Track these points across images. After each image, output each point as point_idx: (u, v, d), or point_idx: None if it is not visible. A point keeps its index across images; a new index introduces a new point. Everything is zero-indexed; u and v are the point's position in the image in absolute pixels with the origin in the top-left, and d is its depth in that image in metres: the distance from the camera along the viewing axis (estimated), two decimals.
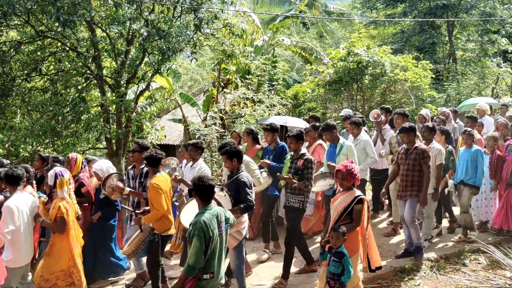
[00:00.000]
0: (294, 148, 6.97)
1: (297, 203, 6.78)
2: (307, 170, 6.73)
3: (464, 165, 7.98)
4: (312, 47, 22.51)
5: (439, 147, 7.64)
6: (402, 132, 7.23)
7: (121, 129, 12.33)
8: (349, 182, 5.57)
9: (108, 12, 12.15)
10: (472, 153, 7.91)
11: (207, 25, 12.28)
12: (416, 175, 7.03)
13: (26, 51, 12.96)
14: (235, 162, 6.22)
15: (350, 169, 5.54)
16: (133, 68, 12.42)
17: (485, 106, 11.36)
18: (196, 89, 24.37)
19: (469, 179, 7.88)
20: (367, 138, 8.40)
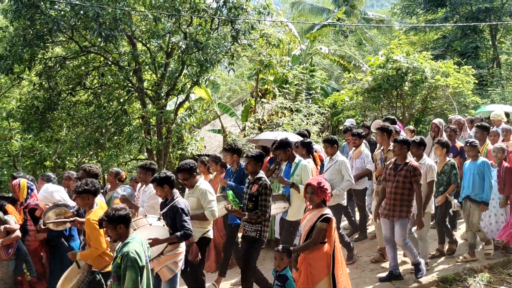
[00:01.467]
0: (251, 170, 6.27)
1: (253, 232, 6.13)
2: (261, 196, 6.04)
3: (470, 179, 7.30)
4: (350, 55, 22.34)
5: (430, 163, 6.97)
6: (396, 143, 6.64)
7: (161, 140, 12.58)
8: (319, 197, 5.17)
9: (148, 26, 12.50)
10: (479, 166, 7.25)
11: (244, 36, 12.44)
12: (406, 194, 6.47)
13: (70, 66, 13.46)
14: (167, 189, 5.85)
15: (320, 183, 5.17)
16: (172, 80, 12.71)
17: (501, 114, 10.58)
18: (235, 100, 24.59)
19: (476, 194, 7.21)
20: (343, 158, 7.72)
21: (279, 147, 7.05)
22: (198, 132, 16.00)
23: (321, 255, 5.08)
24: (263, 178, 6.20)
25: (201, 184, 6.40)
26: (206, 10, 12.23)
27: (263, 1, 12.88)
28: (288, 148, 7.04)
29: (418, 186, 6.45)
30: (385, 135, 7.62)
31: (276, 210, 6.95)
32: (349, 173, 7.58)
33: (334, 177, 7.53)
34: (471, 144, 7.39)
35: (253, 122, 14.74)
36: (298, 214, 6.74)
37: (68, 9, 11.20)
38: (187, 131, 13.70)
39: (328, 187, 5.25)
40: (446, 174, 7.36)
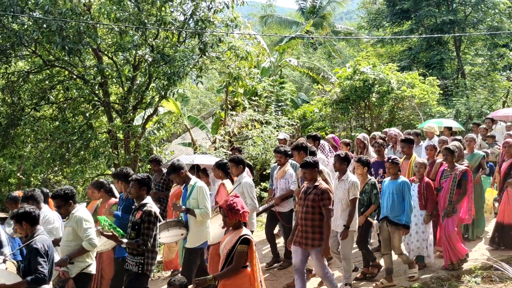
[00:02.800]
0: (134, 195, 5.83)
1: (135, 266, 5.60)
2: (144, 224, 5.56)
3: (389, 199, 6.86)
4: (319, 67, 22.57)
5: (353, 180, 6.61)
6: (304, 167, 6.17)
7: (129, 155, 12.37)
8: (231, 219, 4.87)
9: (114, 39, 12.33)
10: (398, 185, 6.80)
11: (212, 49, 12.40)
12: (317, 220, 6.02)
13: (34, 81, 13.16)
14: (26, 226, 5.24)
15: (230, 204, 4.85)
16: (139, 93, 12.55)
17: (434, 127, 10.57)
18: (205, 113, 24.51)
19: (395, 216, 6.79)
20: (247, 180, 7.12)
21: (171, 171, 6.59)
22: (167, 146, 15.85)
23: (243, 281, 4.81)
24: (148, 204, 5.70)
25: (77, 211, 5.85)
26: (173, 23, 12.14)
27: (230, 14, 12.87)
28: (181, 171, 6.52)
29: (326, 211, 5.99)
30: (302, 153, 7.19)
31: (173, 238, 6.59)
32: (251, 196, 6.99)
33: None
34: (393, 162, 6.92)
35: (223, 135, 14.69)
36: (197, 241, 6.41)
37: (30, 23, 10.98)
38: (156, 145, 13.52)
39: (241, 207, 4.88)
40: (366, 194, 6.99)
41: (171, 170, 6.61)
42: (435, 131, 10.53)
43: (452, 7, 23.46)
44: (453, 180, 7.15)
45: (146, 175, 5.91)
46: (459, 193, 7.13)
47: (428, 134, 10.41)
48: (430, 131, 10.38)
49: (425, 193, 7.23)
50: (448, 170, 7.35)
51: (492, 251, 7.81)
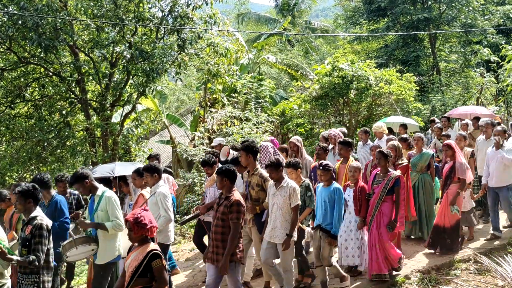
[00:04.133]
0: (21, 209, 5.45)
1: (29, 285, 5.25)
2: (34, 239, 5.20)
3: (322, 206, 6.55)
4: (297, 64, 22.64)
5: (293, 185, 6.26)
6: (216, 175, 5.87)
7: (107, 153, 12.22)
8: (137, 234, 4.54)
9: (90, 35, 12.15)
10: (331, 192, 6.47)
11: (190, 45, 12.33)
12: (227, 233, 5.62)
13: (9, 78, 12.90)
14: None
15: (137, 218, 4.53)
16: (117, 90, 12.41)
17: (382, 126, 10.34)
18: (184, 110, 24.36)
19: (327, 224, 6.46)
20: (162, 189, 6.58)
21: (74, 180, 6.06)
22: (146, 143, 15.70)
23: None
24: (39, 217, 5.29)
25: None
26: (151, 19, 12.04)
27: (209, 11, 12.82)
28: (85, 180, 6.00)
29: (234, 225, 5.56)
30: (250, 156, 6.64)
31: (82, 255, 6.14)
32: (165, 207, 6.49)
33: (153, 211, 6.34)
34: (324, 168, 6.52)
35: (202, 132, 14.61)
36: (107, 256, 6.01)
37: (5, 19, 10.74)
38: (134, 142, 13.40)
39: (149, 221, 4.56)
40: (301, 197, 6.56)
41: (73, 180, 6.08)
42: (384, 130, 10.35)
43: (427, 4, 23.81)
44: (384, 186, 6.79)
45: (31, 185, 5.47)
46: (391, 200, 6.77)
47: (377, 134, 10.19)
48: (378, 131, 10.18)
49: (360, 198, 6.95)
50: (380, 175, 6.96)
51: (430, 257, 7.60)
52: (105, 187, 6.20)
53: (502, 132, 8.44)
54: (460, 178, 7.63)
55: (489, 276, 6.58)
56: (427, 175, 8.42)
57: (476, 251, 7.03)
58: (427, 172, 8.43)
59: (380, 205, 6.78)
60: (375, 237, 6.70)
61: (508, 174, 8.14)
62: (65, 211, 6.91)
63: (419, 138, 8.57)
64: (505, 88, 16.99)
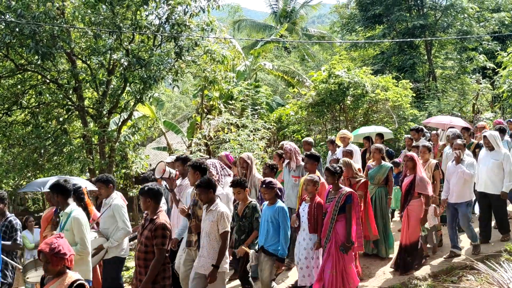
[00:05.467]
0: None
1: None
2: None
3: (265, 226, 6.07)
4: (294, 71, 22.73)
5: (222, 209, 5.71)
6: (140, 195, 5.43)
7: (104, 160, 12.21)
8: (55, 266, 3.95)
9: (88, 43, 12.17)
10: (274, 212, 6.01)
11: (187, 53, 12.36)
12: (150, 259, 5.20)
13: (6, 85, 12.89)
14: None
15: (54, 249, 3.92)
16: (114, 97, 12.43)
17: (347, 134, 10.03)
18: (180, 116, 24.41)
19: (269, 245, 5.98)
20: (118, 201, 6.28)
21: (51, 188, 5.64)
22: (142, 150, 15.70)
23: None
24: None
25: None
26: (149, 27, 12.08)
27: (206, 18, 12.87)
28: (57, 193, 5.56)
29: (158, 251, 5.14)
30: (197, 174, 6.25)
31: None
32: (123, 218, 6.17)
33: (109, 225, 6.19)
34: (267, 186, 6.09)
35: (199, 139, 14.62)
36: None
37: (2, 26, 10.75)
38: (131, 149, 13.40)
39: (68, 250, 3.99)
40: (248, 218, 6.17)
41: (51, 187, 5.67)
42: (350, 138, 10.01)
43: (422, 11, 23.99)
44: (335, 204, 6.28)
45: None
46: (345, 218, 6.23)
47: (344, 140, 9.81)
48: (347, 136, 9.77)
49: (316, 215, 6.37)
50: (332, 193, 6.44)
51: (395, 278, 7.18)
52: (76, 205, 5.68)
53: (462, 146, 7.90)
54: (422, 193, 7.14)
55: (485, 283, 6.59)
56: (384, 188, 7.99)
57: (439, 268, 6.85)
58: (385, 186, 7.99)
59: (334, 225, 6.23)
60: (333, 261, 6.12)
61: (468, 189, 7.72)
62: None
63: (376, 149, 8.09)
64: (501, 94, 17.09)
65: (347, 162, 7.25)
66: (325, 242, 6.25)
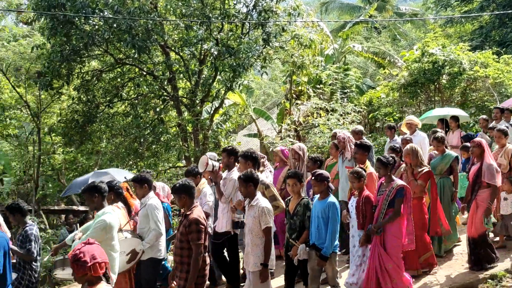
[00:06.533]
0: None
1: None
2: None
3: (315, 222, 5.73)
4: (384, 51, 21.97)
5: (263, 205, 5.47)
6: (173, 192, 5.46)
7: (198, 147, 12.66)
8: (78, 274, 3.66)
9: (180, 35, 12.63)
10: (324, 207, 5.66)
11: (275, 39, 12.39)
12: (185, 255, 5.09)
13: (107, 79, 13.74)
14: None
15: (75, 255, 3.64)
16: (206, 87, 12.82)
17: (413, 119, 9.26)
18: (270, 103, 24.62)
19: (322, 243, 5.63)
20: (152, 201, 6.18)
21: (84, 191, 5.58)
22: (234, 137, 16.07)
23: None
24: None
25: None
26: (236, 15, 12.26)
27: (292, 3, 12.82)
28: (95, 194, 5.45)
29: (194, 247, 5.02)
30: (249, 164, 6.21)
31: (70, 276, 5.76)
32: (155, 219, 6.08)
33: (144, 225, 6.13)
34: (317, 178, 5.70)
35: (289, 124, 14.70)
36: None
37: (101, 23, 11.44)
38: (223, 136, 13.77)
39: (90, 257, 3.61)
40: (299, 216, 5.81)
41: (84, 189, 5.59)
42: (417, 124, 9.21)
43: None
44: (385, 198, 5.88)
45: None
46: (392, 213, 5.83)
47: (411, 127, 9.04)
48: (414, 122, 9.01)
49: (364, 210, 6.00)
50: (384, 185, 6.04)
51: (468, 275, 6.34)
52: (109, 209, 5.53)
53: None
54: (490, 184, 6.35)
55: None
56: (448, 179, 7.21)
57: None
58: (449, 176, 7.22)
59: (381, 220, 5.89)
60: (378, 258, 5.78)
61: None
62: None
63: (439, 138, 7.36)
64: None
65: (413, 149, 6.68)
66: (367, 233, 5.95)
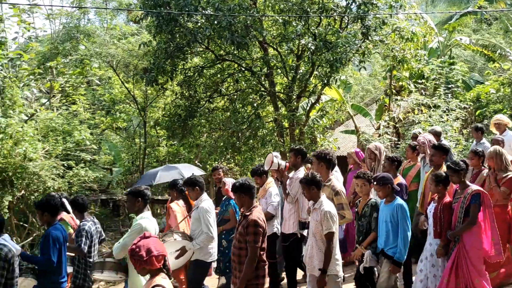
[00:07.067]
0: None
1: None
2: None
3: (383, 227, 5.50)
4: (495, 44, 20.51)
5: (326, 209, 5.29)
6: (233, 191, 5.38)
7: (294, 143, 12.69)
8: (136, 267, 3.80)
9: (278, 30, 12.73)
10: (392, 211, 5.42)
11: (375, 32, 12.07)
12: (243, 256, 5.01)
13: (207, 75, 14.20)
14: None
15: (132, 249, 3.79)
16: (303, 82, 12.80)
17: (503, 119, 8.49)
18: (369, 99, 24.03)
19: (389, 248, 5.40)
20: (204, 204, 6.22)
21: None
22: (331, 133, 15.90)
23: None
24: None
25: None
26: (335, 9, 12.09)
27: None
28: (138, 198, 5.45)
29: (251, 249, 4.94)
30: (322, 165, 6.07)
31: (110, 278, 5.91)
32: (207, 222, 6.10)
33: (195, 227, 6.20)
34: (379, 182, 5.49)
35: (387, 121, 14.25)
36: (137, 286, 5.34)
37: (203, 20, 11.84)
38: (319, 132, 13.68)
39: (145, 251, 3.73)
40: (366, 218, 5.66)
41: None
42: (507, 123, 8.37)
43: None
44: (461, 205, 5.52)
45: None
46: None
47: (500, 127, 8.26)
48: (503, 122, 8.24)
49: (441, 218, 5.62)
50: (458, 192, 5.69)
51: None
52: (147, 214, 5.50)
53: None
54: None
55: None
56: None
57: None
58: None
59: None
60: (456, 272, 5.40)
61: None
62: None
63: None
64: None
65: (497, 152, 6.22)
66: (451, 248, 5.58)
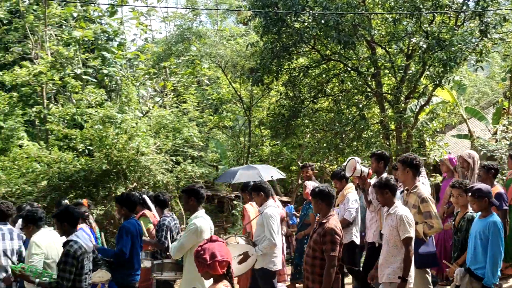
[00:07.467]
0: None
1: None
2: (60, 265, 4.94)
3: (472, 243, 5.05)
4: None
5: (401, 213, 5.04)
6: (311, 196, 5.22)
7: (400, 146, 12.18)
8: (200, 270, 3.66)
9: (387, 29, 12.30)
10: (484, 227, 4.93)
11: (494, 29, 11.21)
12: (317, 265, 4.85)
13: (312, 75, 14.09)
14: None
15: (197, 252, 3.66)
16: (412, 82, 12.24)
17: None
18: (485, 102, 22.45)
19: (477, 268, 4.91)
20: (268, 210, 6.13)
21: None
22: (441, 137, 15.09)
23: None
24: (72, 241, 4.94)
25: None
26: (450, 5, 11.41)
27: None
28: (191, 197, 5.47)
29: (328, 258, 4.78)
30: (408, 171, 5.73)
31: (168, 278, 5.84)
32: (270, 228, 6.01)
33: (259, 233, 6.16)
34: (474, 194, 5.00)
35: (506, 125, 13.18)
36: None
37: (310, 20, 11.76)
38: (429, 136, 13.01)
39: (210, 255, 3.59)
40: (462, 233, 5.32)
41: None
42: None
43: None
44: None
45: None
46: None
47: None
48: None
49: None
50: None
51: None
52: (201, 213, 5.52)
53: None
54: None
55: None
56: None
57: None
58: None
59: None
60: None
61: None
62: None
63: None
64: None
65: None
66: None
